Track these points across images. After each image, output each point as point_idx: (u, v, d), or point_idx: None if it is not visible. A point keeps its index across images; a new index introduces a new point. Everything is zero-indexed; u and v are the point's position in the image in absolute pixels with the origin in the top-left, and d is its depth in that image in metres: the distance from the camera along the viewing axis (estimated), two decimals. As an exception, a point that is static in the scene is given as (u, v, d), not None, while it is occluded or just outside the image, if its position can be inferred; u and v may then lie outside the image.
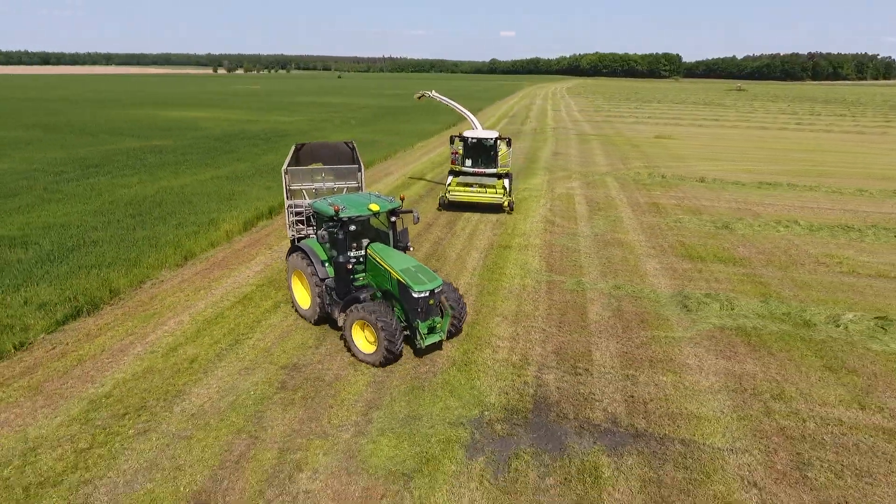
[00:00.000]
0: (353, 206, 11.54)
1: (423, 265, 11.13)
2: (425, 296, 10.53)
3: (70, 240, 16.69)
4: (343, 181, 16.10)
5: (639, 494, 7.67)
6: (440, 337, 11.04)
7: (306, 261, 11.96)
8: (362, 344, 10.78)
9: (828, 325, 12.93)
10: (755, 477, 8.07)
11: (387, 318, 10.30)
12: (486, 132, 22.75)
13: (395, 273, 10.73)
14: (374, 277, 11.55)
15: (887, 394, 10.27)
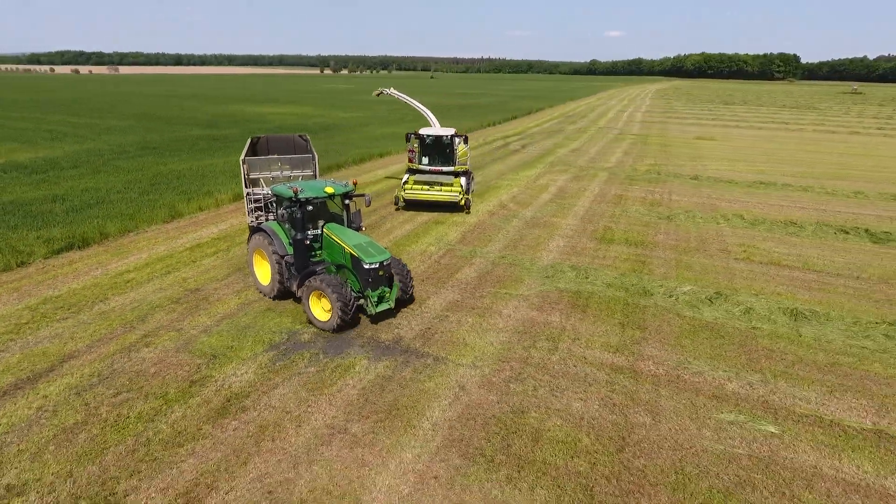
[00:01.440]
0: (311, 189, 12.67)
1: (373, 241, 12.54)
2: (375, 267, 11.80)
3: (93, 199, 21.38)
4: (299, 170, 17.84)
5: (368, 382, 10.21)
6: (389, 305, 12.38)
7: (268, 240, 13.09)
8: (319, 313, 11.97)
9: (662, 295, 14.42)
10: (467, 382, 10.34)
11: (340, 288, 11.51)
12: (442, 130, 22.85)
13: (348, 248, 11.99)
14: (329, 254, 12.81)
15: (650, 344, 11.91)
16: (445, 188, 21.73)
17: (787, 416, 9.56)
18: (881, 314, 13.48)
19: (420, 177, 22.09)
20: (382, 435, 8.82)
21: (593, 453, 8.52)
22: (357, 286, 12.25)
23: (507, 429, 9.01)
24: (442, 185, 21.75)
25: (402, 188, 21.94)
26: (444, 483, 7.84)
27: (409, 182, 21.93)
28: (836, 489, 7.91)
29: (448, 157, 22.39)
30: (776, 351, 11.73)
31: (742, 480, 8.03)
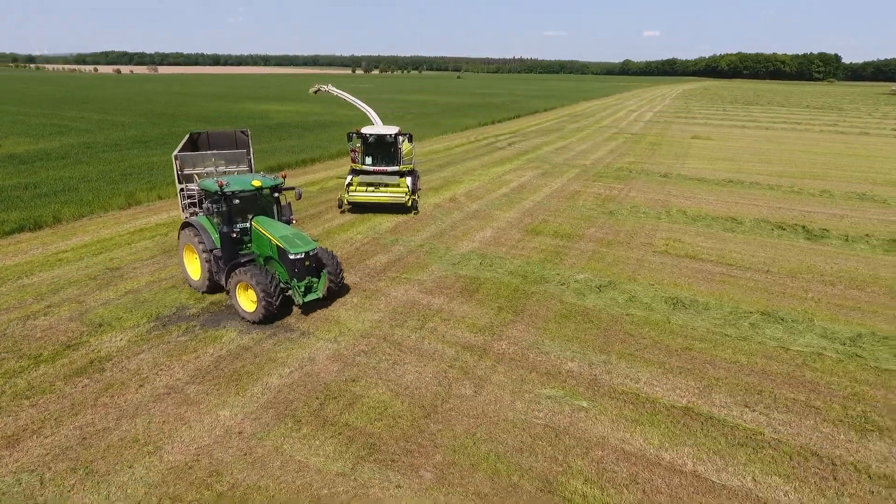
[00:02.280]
0: (237, 182, 12.74)
1: (300, 232, 12.62)
2: (301, 257, 11.96)
3: (63, 187, 22.83)
4: (234, 165, 17.85)
5: (227, 352, 10.99)
6: (318, 295, 12.48)
7: (196, 234, 13.09)
8: (245, 304, 12.04)
9: (556, 283, 14.84)
10: (319, 355, 11.03)
11: (263, 279, 11.61)
12: (385, 128, 21.96)
13: (275, 239, 12.08)
14: (258, 246, 12.83)
15: (516, 327, 12.40)
16: (391, 189, 21.00)
17: (607, 393, 9.97)
18: (760, 305, 13.64)
19: (364, 178, 21.14)
20: (213, 396, 9.60)
21: (397, 418, 9.12)
22: (285, 277, 12.31)
23: (330, 395, 9.68)
24: (387, 185, 21.04)
25: (346, 190, 20.96)
26: (244, 438, 8.58)
27: (354, 184, 20.99)
28: (609, 457, 8.34)
29: (392, 157, 21.55)
30: (636, 335, 12.08)
31: (524, 447, 8.52)
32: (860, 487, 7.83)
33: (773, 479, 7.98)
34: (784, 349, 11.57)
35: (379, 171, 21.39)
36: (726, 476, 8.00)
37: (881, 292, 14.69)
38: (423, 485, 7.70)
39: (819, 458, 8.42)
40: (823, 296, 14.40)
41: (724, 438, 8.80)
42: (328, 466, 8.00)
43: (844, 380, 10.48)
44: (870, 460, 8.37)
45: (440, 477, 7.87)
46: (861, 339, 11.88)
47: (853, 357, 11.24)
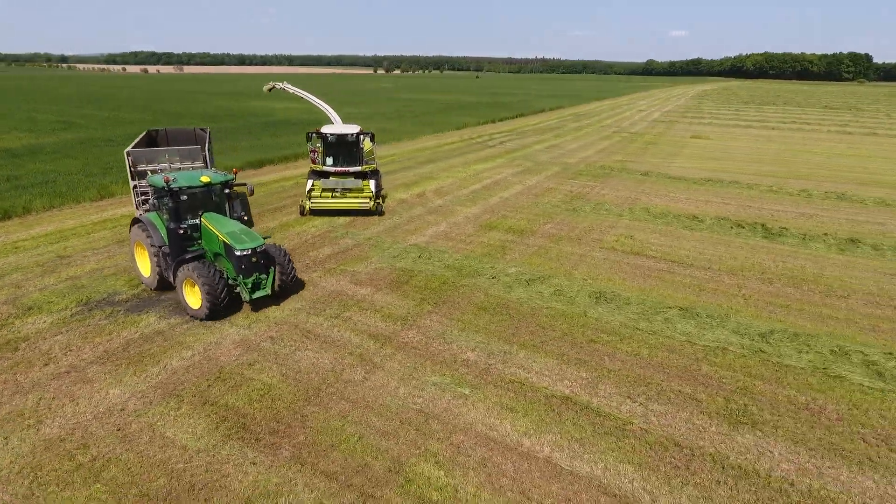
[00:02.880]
0: (185, 178, 12.66)
1: (248, 229, 12.57)
2: (247, 254, 11.91)
3: (43, 179, 23.68)
4: (189, 162, 17.28)
5: (139, 335, 11.39)
6: (266, 291, 12.38)
7: (145, 231, 13.05)
8: (192, 301, 12.00)
9: (487, 276, 14.98)
10: (226, 340, 11.38)
11: (208, 276, 11.56)
12: (346, 127, 21.25)
13: (221, 236, 12.07)
14: (207, 243, 12.75)
15: (432, 318, 12.59)
16: (355, 194, 20.20)
17: (494, 382, 10.11)
18: (687, 301, 13.60)
19: (326, 183, 20.27)
20: (110, 376, 10.00)
21: (276, 400, 9.41)
22: (233, 274, 12.23)
23: (220, 377, 10.01)
24: (350, 190, 20.22)
25: (307, 197, 20.01)
26: (125, 413, 8.95)
27: (316, 189, 20.12)
28: (468, 442, 8.51)
29: (354, 157, 20.98)
30: (547, 327, 12.18)
31: (389, 430, 8.73)
32: (708, 477, 7.87)
33: (625, 466, 8.05)
34: (690, 343, 11.56)
35: (340, 171, 20.82)
36: (578, 463, 8.10)
37: (817, 290, 14.52)
38: (276, 462, 7.97)
39: (680, 448, 8.46)
40: (756, 293, 14.29)
41: (591, 427, 8.89)
42: (192, 443, 8.31)
43: (739, 374, 10.46)
44: (730, 452, 8.39)
45: (296, 455, 8.13)
46: (772, 335, 11.80)
47: (757, 352, 11.19)
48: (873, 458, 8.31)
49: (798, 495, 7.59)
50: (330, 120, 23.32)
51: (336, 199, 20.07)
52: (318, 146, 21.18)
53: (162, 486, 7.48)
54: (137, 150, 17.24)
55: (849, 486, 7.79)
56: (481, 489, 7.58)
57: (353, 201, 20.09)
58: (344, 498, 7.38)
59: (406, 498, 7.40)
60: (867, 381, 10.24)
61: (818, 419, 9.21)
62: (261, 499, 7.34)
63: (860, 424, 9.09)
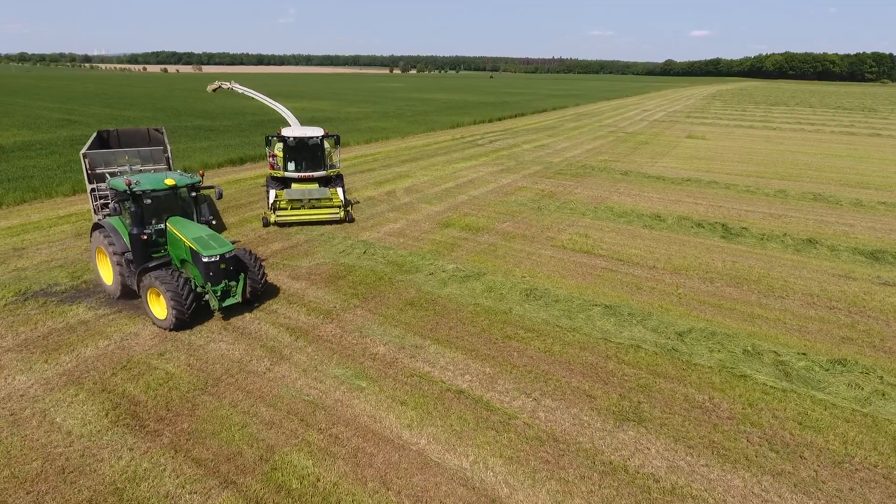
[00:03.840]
0: (149, 181, 11.97)
1: (215, 233, 11.97)
2: (215, 260, 11.37)
3: (22, 175, 24.28)
4: (150, 163, 16.55)
5: (64, 324, 11.67)
6: (236, 299, 11.85)
7: (107, 237, 12.40)
8: (157, 311, 11.44)
9: (425, 273, 15.07)
10: (146, 331, 11.63)
11: (173, 284, 10.96)
12: (308, 129, 19.94)
13: (188, 241, 11.45)
14: (173, 250, 12.11)
15: (357, 313, 12.71)
16: (324, 203, 19.02)
17: (394, 375, 10.21)
18: (619, 299, 13.56)
19: (292, 193, 18.74)
20: (22, 363, 10.28)
21: (174, 388, 9.60)
22: (201, 281, 11.67)
23: (126, 366, 10.24)
24: (319, 200, 18.96)
25: (272, 209, 18.59)
26: (24, 399, 9.21)
27: (281, 201, 18.62)
28: (346, 433, 8.62)
29: (318, 162, 19.81)
30: (468, 323, 12.24)
31: (274, 420, 8.87)
32: (574, 473, 7.89)
33: (494, 460, 8.10)
34: (605, 341, 11.54)
35: (304, 177, 19.60)
36: (449, 456, 8.17)
37: (757, 291, 14.37)
38: (152, 448, 8.15)
39: (557, 443, 8.48)
40: (692, 292, 14.19)
41: (475, 421, 8.95)
42: (78, 429, 8.53)
43: (643, 372, 10.43)
44: (606, 448, 8.39)
45: (174, 442, 8.30)
46: (689, 334, 11.73)
47: (669, 351, 11.13)
48: (750, 458, 8.25)
49: (659, 492, 7.58)
50: (286, 122, 22.59)
51: (303, 211, 18.74)
52: (278, 150, 20.11)
53: (34, 469, 7.70)
54: (95, 152, 16.30)
55: (715, 484, 7.74)
56: (343, 479, 7.68)
57: (321, 212, 18.89)
58: (206, 484, 7.53)
59: (266, 485, 7.53)
60: (771, 380, 10.15)
61: (708, 417, 9.16)
62: (126, 483, 7.52)
63: (750, 424, 9.03)
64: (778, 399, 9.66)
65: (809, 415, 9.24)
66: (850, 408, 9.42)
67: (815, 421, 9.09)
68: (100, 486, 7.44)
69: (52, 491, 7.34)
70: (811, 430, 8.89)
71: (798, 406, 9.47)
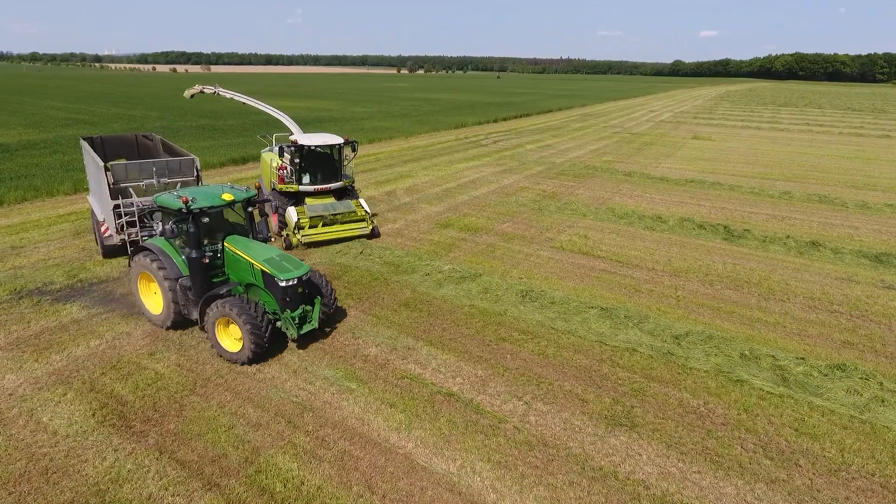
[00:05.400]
0: (205, 197, 10.77)
1: (286, 254, 11.04)
2: (293, 284, 10.34)
3: (24, 173, 24.39)
4: (178, 176, 14.91)
5: (57, 324, 11.64)
6: (313, 326, 10.80)
7: (156, 261, 11.05)
8: (228, 343, 10.30)
9: (421, 273, 14.96)
10: (137, 331, 11.59)
11: (250, 312, 9.88)
12: (325, 136, 18.01)
13: (258, 264, 10.36)
14: (234, 272, 11.04)
15: (350, 315, 12.63)
16: (349, 218, 17.34)
17: (386, 377, 10.11)
18: (616, 301, 13.40)
19: (314, 209, 16.86)
20: (13, 362, 10.26)
21: (162, 389, 9.54)
22: (273, 307, 10.63)
23: (116, 366, 10.19)
24: (343, 214, 17.21)
25: (295, 230, 16.50)
26: (12, 398, 9.17)
27: (303, 218, 16.58)
28: (334, 435, 8.52)
29: (335, 172, 18.16)
30: (462, 325, 12.13)
31: (261, 422, 8.79)
32: (563, 478, 7.75)
33: (482, 465, 7.98)
34: (600, 344, 11.39)
35: (321, 190, 17.77)
36: (437, 460, 8.05)
37: (757, 293, 14.17)
38: (137, 449, 8.08)
39: (546, 447, 8.35)
40: (691, 295, 14.01)
41: (464, 425, 8.83)
42: (64, 429, 8.48)
43: (638, 376, 10.27)
44: (597, 454, 8.25)
45: (159, 443, 8.23)
46: (686, 338, 11.56)
47: (665, 354, 10.97)
48: (743, 465, 8.08)
49: (649, 499, 7.43)
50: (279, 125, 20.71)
51: (330, 228, 16.99)
52: (287, 162, 17.77)
53: (17, 469, 7.65)
54: (119, 164, 14.24)
55: (707, 491, 7.59)
56: (328, 482, 7.58)
57: (349, 227, 17.26)
58: (189, 486, 7.45)
59: (249, 488, 7.44)
60: (768, 385, 9.96)
61: (702, 423, 9.00)
62: (109, 484, 7.45)
63: (744, 430, 8.85)
64: (774, 405, 9.48)
65: (806, 421, 9.06)
66: (848, 414, 9.22)
67: (811, 427, 8.90)
68: (82, 488, 7.37)
69: (34, 492, 7.28)
70: (807, 436, 8.70)
71: (795, 412, 9.28)
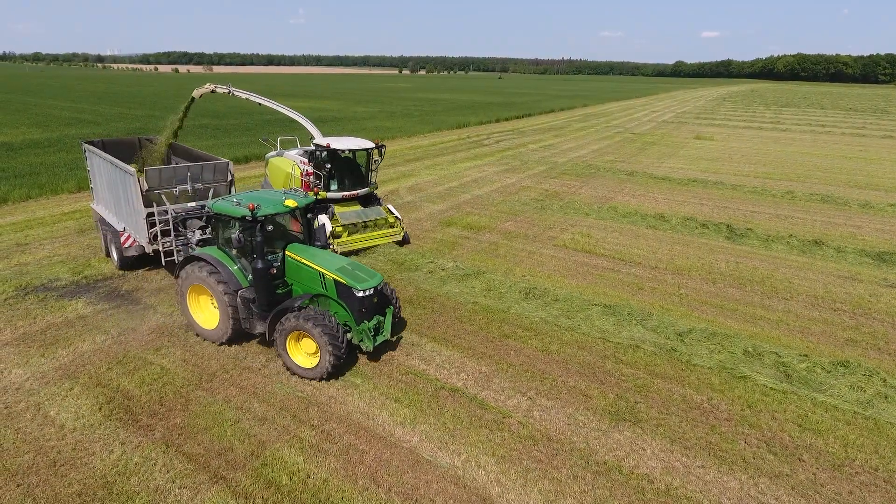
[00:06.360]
0: (269, 204, 10.21)
1: (356, 262, 10.67)
2: (370, 294, 9.94)
3: (28, 171, 24.47)
4: (212, 181, 14.07)
5: (63, 319, 11.70)
6: (385, 337, 10.31)
7: (213, 273, 10.38)
8: (301, 358, 9.78)
9: (424, 271, 15.00)
10: (144, 326, 11.65)
11: (328, 325, 9.39)
12: (357, 141, 17.15)
13: (330, 273, 9.93)
14: (299, 283, 10.48)
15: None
16: (382, 224, 16.68)
17: (390, 373, 10.15)
18: (619, 299, 13.44)
19: (347, 217, 16.05)
20: (20, 357, 10.32)
21: (168, 384, 9.59)
22: (344, 318, 10.17)
23: (122, 361, 10.24)
24: (374, 221, 16.52)
25: (330, 238, 15.40)
26: (20, 392, 9.23)
27: (338, 226, 15.64)
28: (339, 430, 8.56)
29: (362, 178, 17.37)
30: (466, 321, 12.17)
31: (267, 416, 8.83)
32: (568, 473, 7.79)
33: (486, 459, 8.02)
34: (604, 340, 11.43)
35: (349, 196, 16.75)
36: (441, 454, 8.09)
37: (760, 292, 14.20)
38: (144, 442, 8.14)
39: (551, 442, 8.39)
40: (694, 293, 14.04)
41: (468, 419, 8.86)
42: (71, 423, 8.54)
43: (641, 372, 10.30)
44: (601, 448, 8.28)
45: (166, 437, 8.29)
46: (689, 335, 11.59)
47: (668, 351, 11.00)
48: (747, 459, 8.11)
49: (653, 493, 7.46)
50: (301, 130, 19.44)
51: (363, 236, 16.20)
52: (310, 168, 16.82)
53: (25, 462, 7.70)
54: (154, 169, 13.36)
55: (710, 485, 7.62)
56: (334, 475, 7.63)
57: (382, 233, 16.64)
58: (196, 478, 7.50)
59: (256, 480, 7.49)
60: (772, 382, 9.99)
61: (706, 419, 9.03)
62: (116, 477, 7.50)
63: (748, 425, 8.89)
64: (778, 401, 9.51)
65: (809, 417, 9.09)
66: (851, 410, 9.25)
67: (815, 423, 8.93)
68: (90, 480, 7.42)
69: (42, 484, 7.33)
70: (811, 432, 8.73)
71: (798, 408, 9.31)
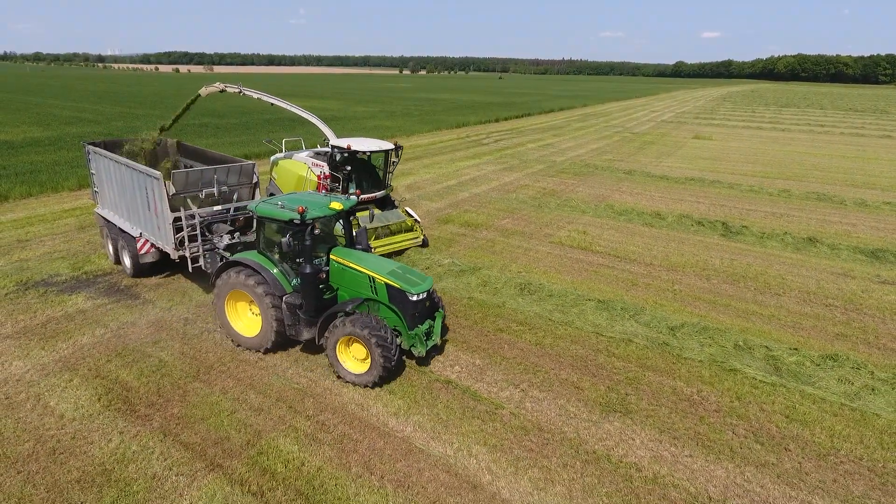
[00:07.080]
0: (315, 207, 9.98)
1: (405, 266, 10.48)
2: (423, 298, 9.78)
3: (28, 169, 24.64)
4: (237, 184, 13.43)
5: (63, 314, 11.85)
6: (434, 341, 10.13)
7: (255, 277, 10.07)
8: (351, 364, 9.56)
9: (421, 267, 15.11)
10: (143, 320, 11.81)
11: (379, 330, 9.21)
12: (377, 142, 16.63)
13: (381, 277, 9.70)
14: (346, 287, 10.23)
15: (347, 304, 12.80)
16: (402, 227, 16.30)
17: (384, 365, 10.27)
18: (612, 294, 13.58)
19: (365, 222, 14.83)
20: (20, 349, 10.47)
21: (166, 375, 9.74)
22: (394, 323, 9.95)
23: (121, 354, 10.40)
24: (395, 224, 16.16)
25: None
26: (20, 383, 9.38)
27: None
28: (334, 420, 8.70)
29: (379, 179, 16.88)
30: (461, 316, 12.32)
31: (263, 407, 8.98)
32: (557, 461, 7.93)
33: (478, 447, 8.16)
34: (597, 335, 11.57)
35: (367, 199, 15.80)
36: (434, 443, 8.23)
37: (753, 288, 14.34)
38: (142, 432, 8.29)
39: (542, 432, 8.53)
40: (687, 288, 14.19)
41: (461, 410, 9.01)
42: (70, 413, 8.69)
43: (633, 365, 10.45)
44: (591, 438, 8.43)
45: (163, 426, 8.44)
46: (681, 329, 11.73)
47: (661, 345, 11.14)
48: (734, 449, 8.26)
49: (641, 481, 7.61)
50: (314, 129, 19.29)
51: (385, 241, 15.62)
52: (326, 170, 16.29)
53: (25, 450, 7.85)
54: (181, 172, 12.49)
55: (697, 474, 7.76)
56: (328, 464, 7.77)
57: (403, 237, 16.16)
58: (192, 466, 7.65)
59: (251, 468, 7.63)
60: (761, 375, 10.14)
61: (695, 410, 9.17)
62: (114, 464, 7.65)
63: (737, 416, 9.03)
64: (766, 393, 9.65)
65: (797, 408, 9.23)
66: (838, 402, 9.39)
67: (802, 414, 9.07)
68: (88, 467, 7.57)
69: (42, 471, 7.48)
70: (798, 423, 8.87)
71: (786, 400, 9.46)
